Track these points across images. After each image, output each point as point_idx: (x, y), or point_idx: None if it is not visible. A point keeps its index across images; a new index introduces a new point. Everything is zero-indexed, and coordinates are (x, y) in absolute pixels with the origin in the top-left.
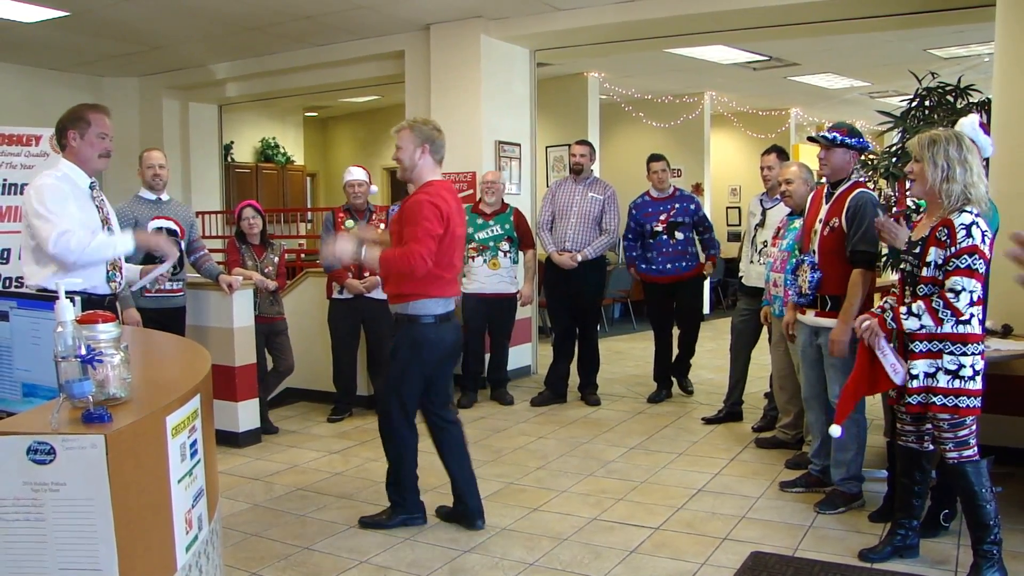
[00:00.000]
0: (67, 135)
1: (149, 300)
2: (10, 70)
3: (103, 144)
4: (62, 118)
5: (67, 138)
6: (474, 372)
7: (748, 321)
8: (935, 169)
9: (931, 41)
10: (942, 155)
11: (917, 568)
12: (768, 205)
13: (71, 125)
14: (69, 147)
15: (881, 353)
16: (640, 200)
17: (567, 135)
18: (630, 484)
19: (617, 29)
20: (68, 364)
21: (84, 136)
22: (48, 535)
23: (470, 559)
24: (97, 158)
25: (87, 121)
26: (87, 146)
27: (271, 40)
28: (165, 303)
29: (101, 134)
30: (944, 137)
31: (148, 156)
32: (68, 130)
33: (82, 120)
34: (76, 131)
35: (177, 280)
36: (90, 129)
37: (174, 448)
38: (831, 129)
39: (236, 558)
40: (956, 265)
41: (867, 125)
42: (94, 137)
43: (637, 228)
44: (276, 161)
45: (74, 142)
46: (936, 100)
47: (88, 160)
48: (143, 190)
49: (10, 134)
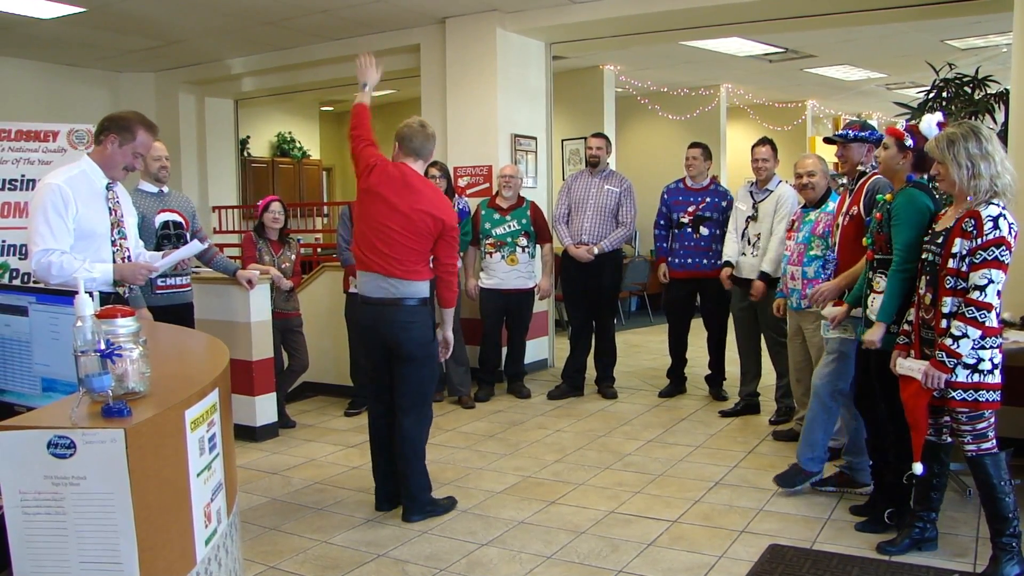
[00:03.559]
0: (108, 137)
1: (158, 297)
2: (28, 66)
3: (133, 161)
4: (111, 117)
5: (106, 139)
6: (491, 366)
7: (747, 310)
8: (960, 169)
9: (948, 32)
10: (963, 154)
11: (935, 561)
12: (759, 197)
13: (117, 131)
14: (103, 148)
15: (908, 371)
16: (673, 186)
17: (583, 128)
18: (647, 477)
19: (633, 22)
20: (87, 359)
21: (122, 147)
22: (69, 529)
23: (488, 552)
24: (122, 169)
25: (133, 135)
26: (120, 156)
27: (287, 34)
28: (174, 299)
29: (138, 153)
30: (961, 135)
31: (153, 147)
32: (112, 133)
33: (129, 132)
34: (119, 138)
35: (184, 274)
36: (131, 144)
37: (193, 442)
38: (845, 127)
39: (255, 552)
40: (983, 257)
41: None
42: (130, 152)
43: (667, 213)
44: (292, 155)
45: (110, 146)
46: (954, 91)
47: (112, 167)
48: (143, 183)
49: (28, 130)
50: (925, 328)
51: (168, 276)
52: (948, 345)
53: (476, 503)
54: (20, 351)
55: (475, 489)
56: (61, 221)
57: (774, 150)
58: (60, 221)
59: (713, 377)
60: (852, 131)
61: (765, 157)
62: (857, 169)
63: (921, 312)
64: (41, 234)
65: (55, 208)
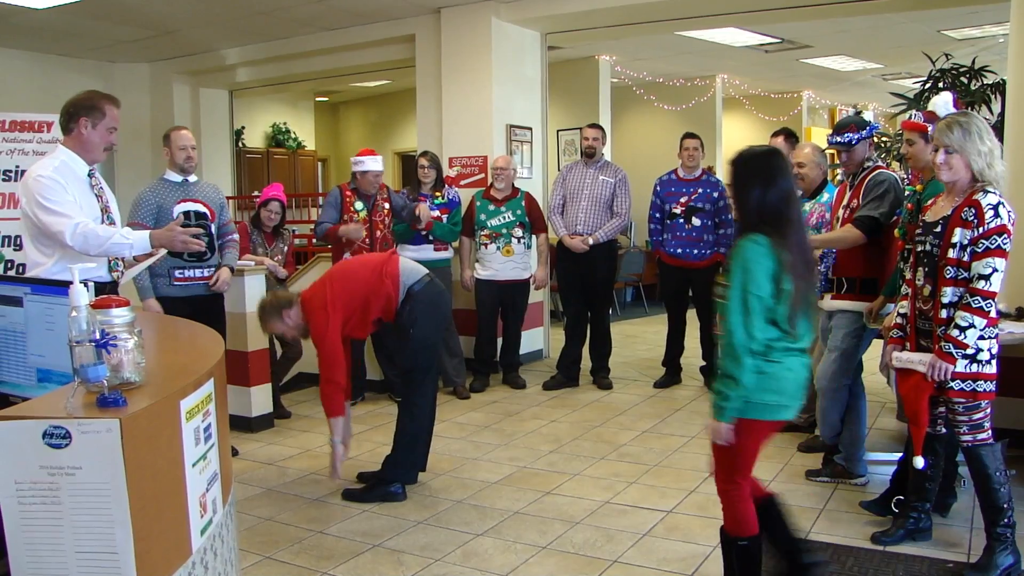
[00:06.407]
0: (78, 121)
1: (179, 288)
2: (21, 56)
3: (110, 137)
4: (74, 102)
5: (77, 124)
6: (487, 356)
7: None
8: (979, 158)
9: (944, 22)
10: (984, 143)
11: (929, 551)
12: None
13: (85, 113)
14: (77, 133)
15: (908, 364)
16: (666, 177)
17: (578, 119)
18: (642, 467)
19: (628, 12)
20: (82, 349)
21: (96, 127)
22: (65, 519)
23: (483, 542)
24: (102, 151)
25: (102, 112)
26: (96, 136)
27: (282, 24)
28: (197, 291)
29: (112, 127)
30: (976, 125)
31: (178, 136)
32: (81, 117)
33: (97, 110)
34: (89, 120)
35: (208, 266)
36: (103, 121)
37: (188, 432)
38: (842, 131)
39: (250, 542)
40: (986, 246)
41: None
42: (105, 130)
43: (661, 205)
44: (287, 146)
45: (84, 130)
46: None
47: (92, 150)
48: (169, 172)
49: (21, 120)
50: (922, 319)
51: (186, 267)
52: (955, 336)
53: (471, 493)
54: (15, 342)
55: (470, 479)
56: (70, 199)
57: (789, 141)
58: (69, 199)
59: (708, 367)
60: (852, 134)
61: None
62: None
63: (918, 303)
64: (59, 215)
65: (57, 191)
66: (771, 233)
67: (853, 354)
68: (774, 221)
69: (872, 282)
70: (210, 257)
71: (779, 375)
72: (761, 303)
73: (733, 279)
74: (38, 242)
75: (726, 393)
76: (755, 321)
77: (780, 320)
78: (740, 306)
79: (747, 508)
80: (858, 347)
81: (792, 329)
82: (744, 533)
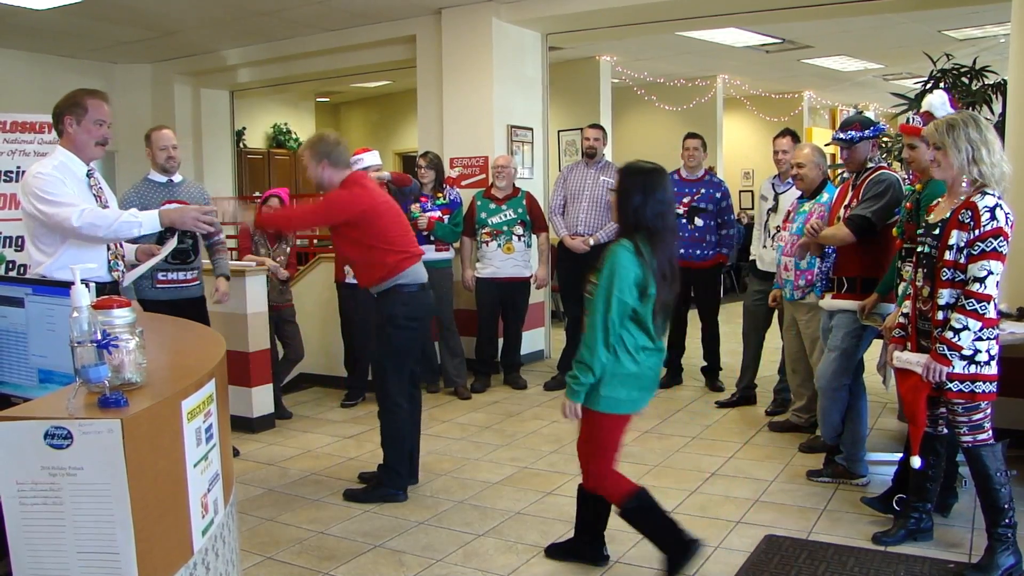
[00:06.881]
0: (63, 121)
1: (162, 291)
2: (22, 57)
3: (100, 131)
4: (59, 103)
5: (63, 124)
6: (487, 356)
7: (761, 304)
8: (959, 153)
9: (945, 22)
10: (964, 138)
11: (931, 551)
12: (781, 189)
13: (67, 111)
14: (66, 134)
15: (907, 364)
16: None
17: (579, 119)
18: (644, 468)
19: (629, 12)
20: (84, 349)
21: (80, 123)
22: (66, 519)
23: (484, 543)
24: (94, 146)
25: (84, 107)
26: (83, 133)
27: (283, 25)
28: (180, 294)
29: (99, 121)
30: (962, 120)
31: (159, 136)
32: (64, 116)
33: (79, 106)
34: (72, 117)
35: (191, 268)
36: (87, 116)
37: (190, 432)
38: (846, 128)
39: (251, 543)
40: (982, 248)
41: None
42: (91, 124)
43: None
44: (288, 147)
45: (70, 128)
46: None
47: (84, 147)
48: (152, 172)
49: (22, 121)
50: (922, 320)
51: (169, 270)
52: (949, 338)
53: (472, 494)
54: (16, 342)
55: (471, 480)
56: (70, 192)
57: (794, 141)
58: (69, 192)
59: (709, 368)
60: (855, 132)
61: (785, 149)
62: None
63: (919, 304)
64: (62, 204)
65: (57, 185)
66: (644, 240)
67: (853, 354)
68: (648, 230)
69: (872, 281)
70: (194, 259)
71: (641, 374)
72: (622, 305)
73: (601, 279)
74: (39, 241)
75: (580, 378)
76: (614, 319)
77: (644, 320)
78: (603, 305)
79: (616, 477)
80: (858, 347)
81: (653, 330)
82: (629, 495)
